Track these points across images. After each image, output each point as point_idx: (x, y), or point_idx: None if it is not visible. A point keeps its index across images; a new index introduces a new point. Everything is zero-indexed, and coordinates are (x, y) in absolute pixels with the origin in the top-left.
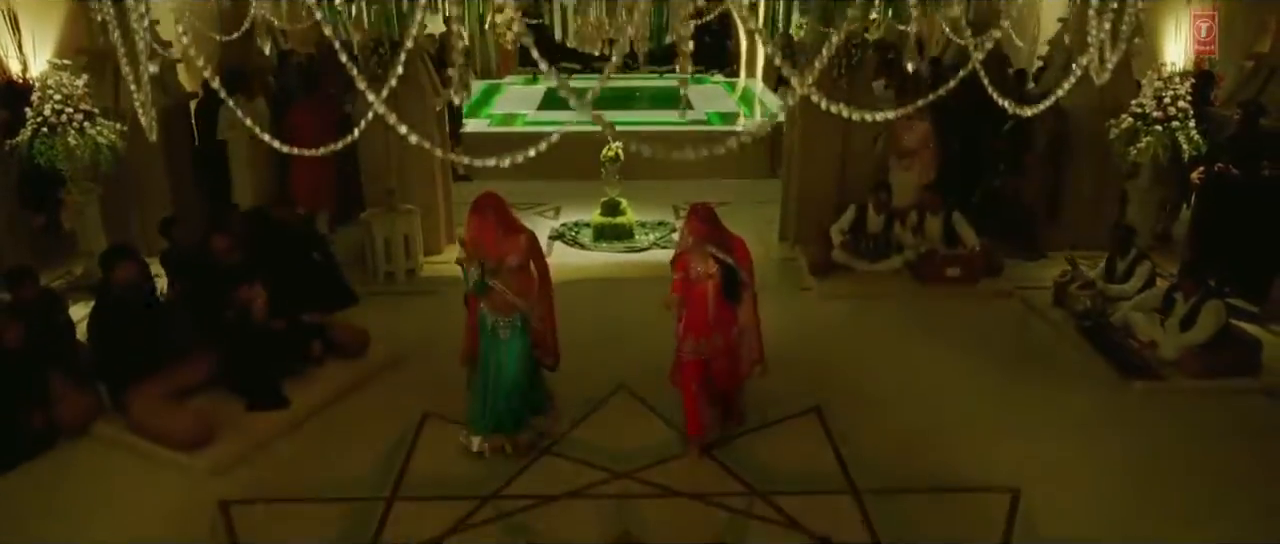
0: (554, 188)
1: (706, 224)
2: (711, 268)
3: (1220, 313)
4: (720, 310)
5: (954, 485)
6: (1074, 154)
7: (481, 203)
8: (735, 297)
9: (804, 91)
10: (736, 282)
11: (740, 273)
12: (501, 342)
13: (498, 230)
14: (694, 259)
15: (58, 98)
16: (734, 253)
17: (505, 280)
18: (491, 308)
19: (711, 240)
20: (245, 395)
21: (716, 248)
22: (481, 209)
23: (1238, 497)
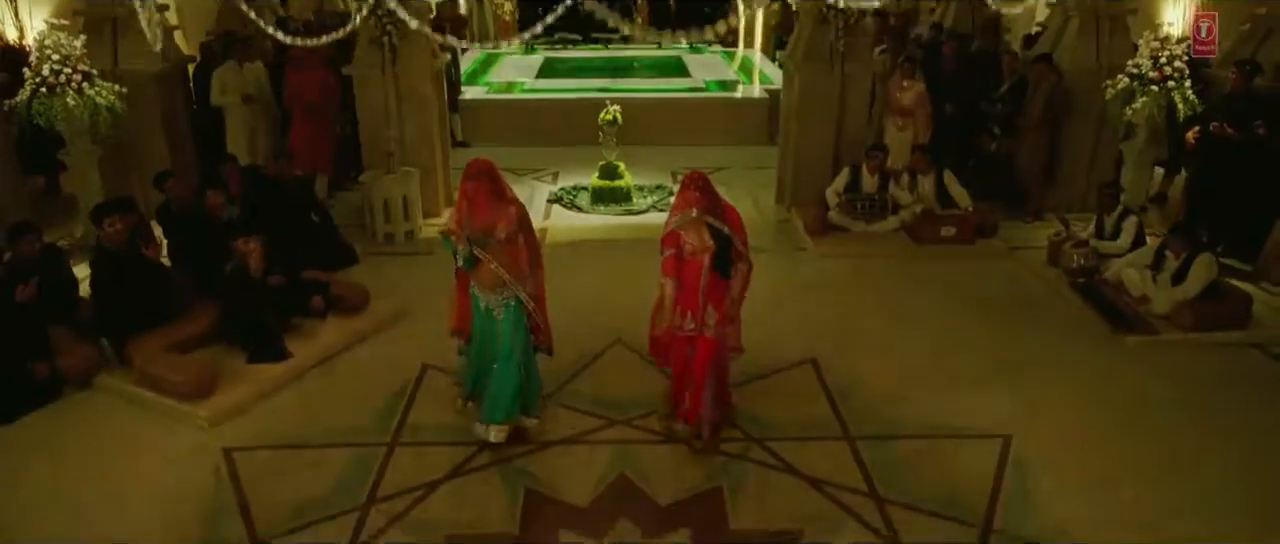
0: (552, 154)
1: (704, 194)
2: (707, 240)
3: (1211, 266)
4: (713, 285)
5: (946, 432)
6: (1070, 117)
7: (474, 168)
8: (728, 270)
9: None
10: (730, 254)
11: (736, 241)
12: (496, 322)
13: (490, 198)
14: (689, 234)
15: (56, 58)
16: (729, 223)
17: (494, 253)
18: (481, 284)
19: (710, 211)
20: (246, 348)
21: (713, 218)
22: (475, 175)
23: (1224, 446)
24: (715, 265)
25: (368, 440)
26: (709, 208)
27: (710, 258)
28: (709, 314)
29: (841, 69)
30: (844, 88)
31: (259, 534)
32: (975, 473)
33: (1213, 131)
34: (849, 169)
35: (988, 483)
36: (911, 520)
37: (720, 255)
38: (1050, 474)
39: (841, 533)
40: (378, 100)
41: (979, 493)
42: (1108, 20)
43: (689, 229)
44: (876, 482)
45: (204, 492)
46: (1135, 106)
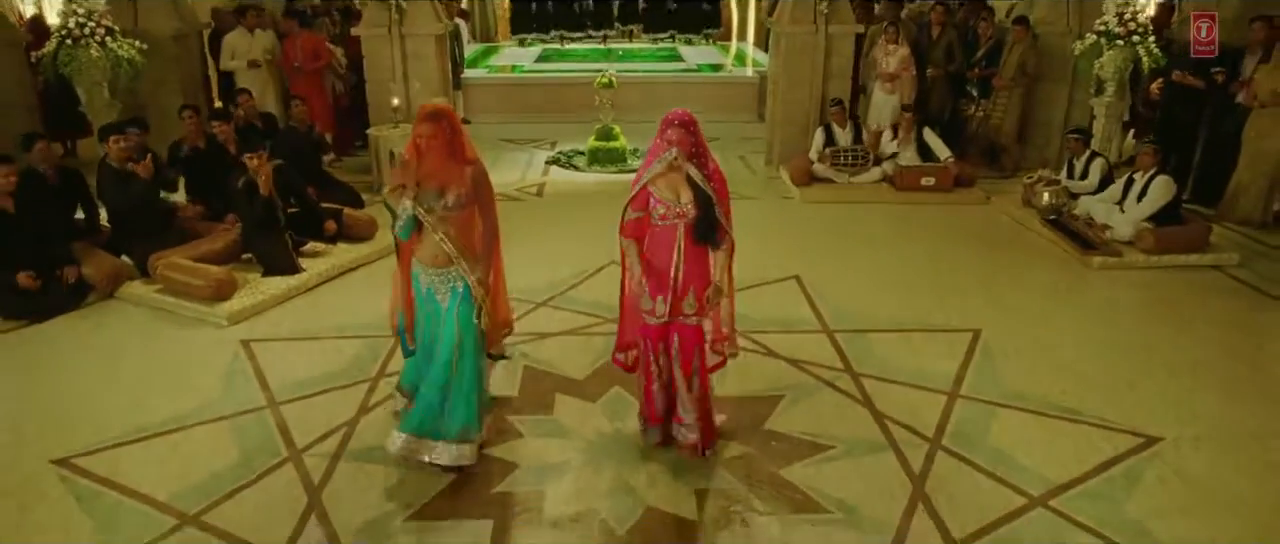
0: (551, 128)
1: (688, 135)
2: (684, 201)
3: (1169, 186)
4: (692, 260)
5: (919, 327)
6: (1043, 79)
7: (428, 111)
8: (712, 240)
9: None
10: (713, 221)
11: (718, 210)
12: (440, 309)
13: (444, 152)
14: (662, 191)
15: (82, 12)
16: (712, 181)
17: (440, 220)
18: (423, 259)
19: (693, 157)
20: (262, 262)
21: (696, 170)
22: (429, 118)
23: (1180, 334)
24: (695, 235)
25: (376, 333)
26: (692, 152)
27: (688, 226)
28: (689, 300)
29: (825, 30)
30: (828, 49)
31: (276, 398)
32: (945, 356)
33: (1175, 80)
34: (821, 129)
35: (956, 363)
36: (885, 390)
37: (701, 222)
38: (1014, 358)
39: (819, 396)
40: (385, 59)
41: (947, 370)
42: None
43: (663, 184)
44: (852, 361)
45: (223, 368)
46: (1103, 61)
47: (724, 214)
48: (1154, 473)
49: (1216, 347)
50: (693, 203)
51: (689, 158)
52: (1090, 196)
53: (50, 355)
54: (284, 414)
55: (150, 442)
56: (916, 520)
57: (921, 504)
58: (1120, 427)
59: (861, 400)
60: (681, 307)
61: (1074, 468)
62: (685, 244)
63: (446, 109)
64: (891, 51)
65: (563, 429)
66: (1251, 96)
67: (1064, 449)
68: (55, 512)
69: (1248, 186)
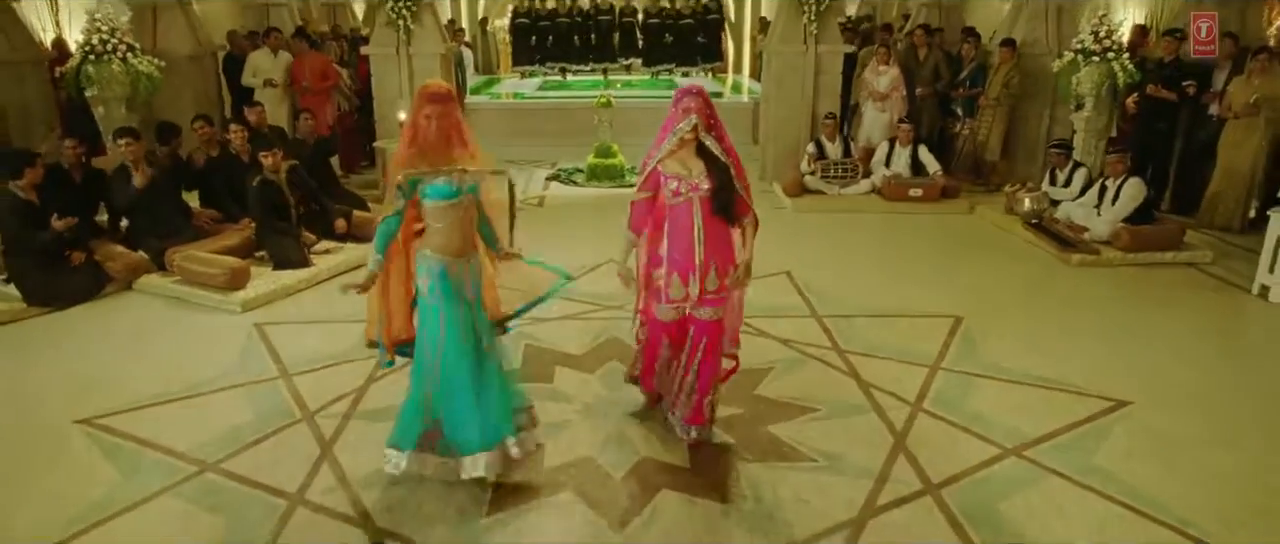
0: (552, 150)
1: (706, 103)
2: (700, 176)
3: (1140, 188)
4: (713, 236)
5: (904, 313)
6: (1026, 98)
7: (439, 92)
8: (731, 213)
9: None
10: (732, 191)
11: (737, 183)
12: (468, 301)
13: (450, 131)
14: (672, 165)
15: (105, 30)
16: (729, 155)
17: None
18: (448, 247)
19: (711, 129)
20: (273, 257)
21: (714, 141)
22: (440, 98)
23: (1152, 318)
24: (714, 207)
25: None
26: (709, 123)
27: (704, 200)
28: (711, 278)
29: (815, 49)
30: (817, 68)
31: (288, 370)
32: (927, 338)
33: (1149, 94)
34: (813, 142)
35: (938, 344)
36: (869, 364)
37: (720, 193)
38: (993, 339)
39: (806, 368)
40: (392, 78)
41: (929, 349)
42: (1055, 10)
43: (672, 161)
44: (838, 340)
45: (238, 346)
46: (1080, 77)
47: (744, 187)
48: (1122, 429)
49: (1187, 327)
50: (706, 175)
51: (707, 129)
52: (1070, 202)
53: (72, 335)
54: (297, 383)
55: (169, 405)
56: (897, 468)
57: (902, 455)
58: (1092, 392)
59: (847, 372)
60: (703, 284)
61: (1047, 426)
62: (703, 219)
63: (450, 90)
64: (882, 72)
65: (562, 395)
66: (1226, 108)
67: (1038, 411)
68: (80, 462)
69: (1224, 195)
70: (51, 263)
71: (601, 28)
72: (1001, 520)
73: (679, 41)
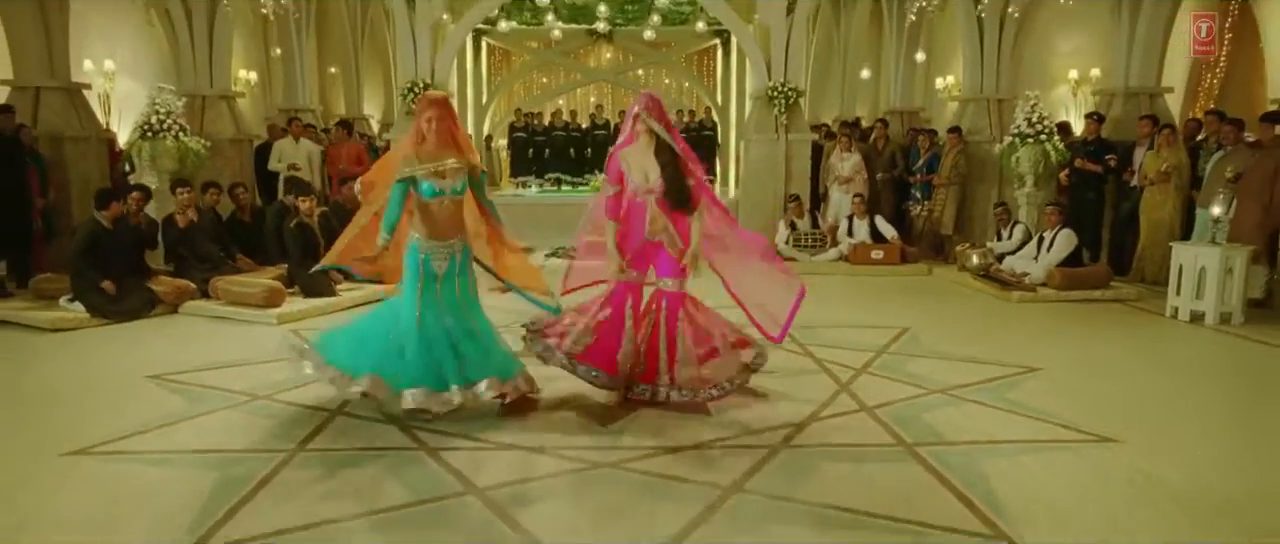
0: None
1: (656, 103)
2: (655, 177)
3: (1071, 238)
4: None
5: (857, 325)
6: (974, 179)
7: (438, 98)
8: (686, 204)
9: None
10: (684, 186)
11: (685, 172)
12: (436, 275)
13: (449, 134)
14: (633, 167)
15: (162, 111)
16: (678, 143)
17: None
18: (434, 231)
19: (661, 120)
20: (304, 290)
21: (661, 128)
22: (439, 103)
23: (1065, 330)
24: (670, 202)
25: None
26: (660, 120)
27: (659, 200)
28: (666, 282)
29: (785, 137)
30: (788, 153)
31: None
32: (878, 337)
33: (1077, 167)
34: (782, 223)
35: (887, 339)
36: (824, 351)
37: (671, 189)
38: (934, 340)
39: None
40: None
41: (879, 343)
42: (996, 103)
43: (634, 163)
44: (799, 339)
45: (277, 342)
46: (1018, 156)
47: (696, 180)
48: (1034, 381)
49: (1100, 333)
50: (660, 177)
51: (659, 120)
52: (1012, 255)
53: (134, 337)
54: None
55: (221, 370)
56: (839, 400)
57: (845, 393)
58: (1010, 363)
59: (804, 354)
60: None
61: (970, 379)
62: (656, 213)
63: (447, 97)
64: (845, 158)
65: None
66: (1143, 177)
67: (965, 373)
68: (149, 401)
69: (1150, 252)
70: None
71: (597, 142)
72: (923, 424)
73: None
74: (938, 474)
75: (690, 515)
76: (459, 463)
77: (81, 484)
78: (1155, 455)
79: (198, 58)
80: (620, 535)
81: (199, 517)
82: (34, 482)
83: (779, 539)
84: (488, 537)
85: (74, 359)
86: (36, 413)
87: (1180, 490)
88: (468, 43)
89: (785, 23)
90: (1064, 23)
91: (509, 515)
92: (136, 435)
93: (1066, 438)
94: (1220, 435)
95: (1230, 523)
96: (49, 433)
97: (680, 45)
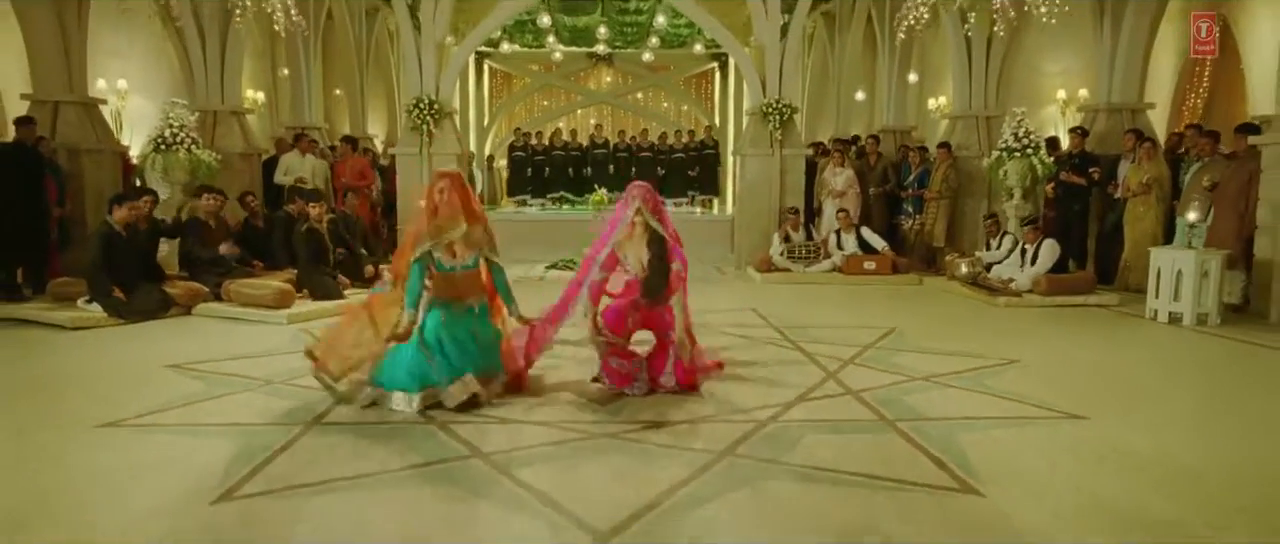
0: (551, 254)
1: (651, 194)
2: (643, 265)
3: (1054, 248)
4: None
5: (847, 327)
6: (964, 193)
7: (448, 172)
8: (659, 298)
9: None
10: (662, 281)
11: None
12: (458, 320)
13: (460, 203)
14: (628, 253)
15: (175, 125)
16: (667, 229)
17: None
18: (452, 294)
19: (655, 213)
20: (312, 293)
21: (654, 219)
22: (449, 175)
23: (1046, 330)
24: (644, 291)
25: None
26: (654, 210)
27: (639, 282)
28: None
29: (780, 152)
30: (782, 168)
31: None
32: (867, 336)
33: (1063, 179)
34: (777, 235)
35: (874, 337)
36: (815, 346)
37: (651, 278)
38: (920, 338)
39: (761, 347)
40: (414, 173)
41: (865, 341)
42: (984, 120)
43: (628, 248)
44: (790, 337)
45: (287, 337)
46: (1006, 170)
47: (682, 262)
48: (1012, 371)
49: (1078, 332)
50: (644, 267)
51: (652, 212)
52: (1000, 264)
53: (149, 335)
54: None
55: (238, 360)
56: (826, 386)
57: (832, 380)
58: (989, 356)
59: (795, 348)
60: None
61: (952, 369)
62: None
63: (459, 170)
64: (838, 173)
65: (558, 355)
66: (1125, 189)
67: (947, 365)
68: (171, 386)
69: (1134, 262)
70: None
71: (597, 161)
72: (904, 405)
73: (671, 174)
74: (915, 443)
75: (684, 474)
76: (466, 434)
77: (116, 448)
78: (1122, 430)
79: (210, 75)
80: (617, 490)
81: (224, 475)
82: (73, 446)
83: (767, 492)
84: (491, 490)
85: (96, 352)
86: (67, 394)
87: (1144, 459)
88: (470, 65)
89: (779, 45)
90: (1052, 44)
91: (511, 474)
92: (161, 412)
93: (1039, 415)
94: (1187, 415)
95: (1190, 488)
96: (81, 410)
97: (679, 68)
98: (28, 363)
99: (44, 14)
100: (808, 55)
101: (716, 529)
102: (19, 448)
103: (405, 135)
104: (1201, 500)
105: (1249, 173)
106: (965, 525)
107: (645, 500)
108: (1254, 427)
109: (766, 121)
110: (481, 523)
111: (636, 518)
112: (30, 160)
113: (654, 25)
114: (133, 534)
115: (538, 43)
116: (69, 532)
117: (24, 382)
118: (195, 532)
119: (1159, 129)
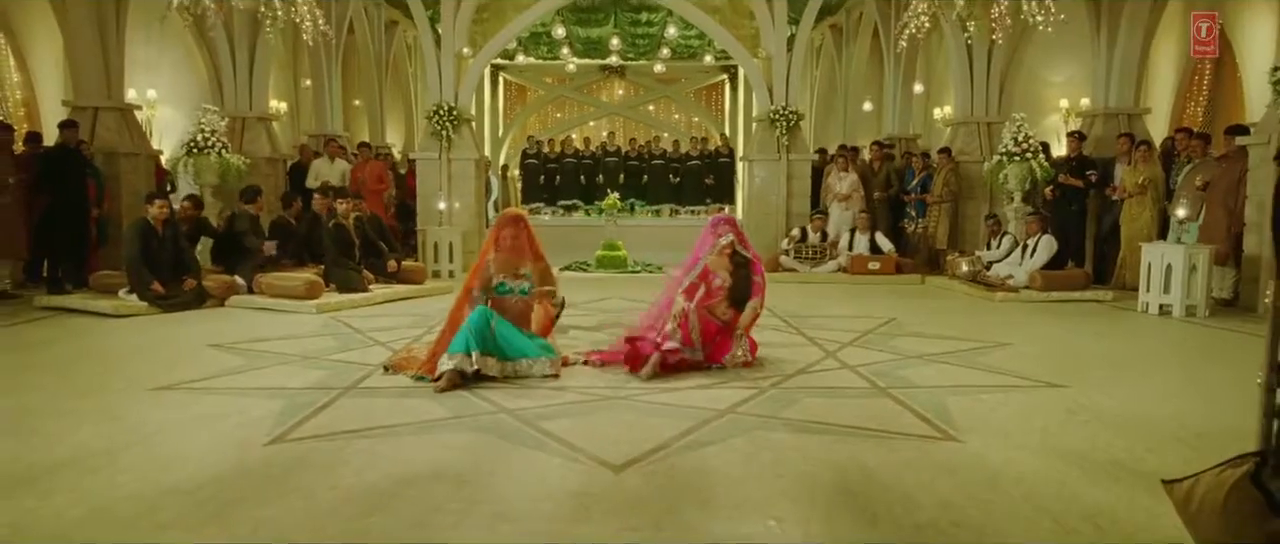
0: (566, 258)
1: (735, 227)
2: (727, 276)
3: (1051, 244)
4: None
5: (848, 316)
6: (966, 197)
7: (514, 217)
8: (742, 303)
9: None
10: (747, 289)
11: (754, 277)
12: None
13: (520, 246)
14: (717, 268)
15: (207, 130)
16: (749, 252)
17: (510, 306)
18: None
19: (742, 241)
20: (339, 286)
21: (742, 248)
22: (514, 221)
23: (1036, 321)
24: (732, 298)
25: (429, 318)
26: (740, 238)
27: (725, 291)
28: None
29: (787, 157)
30: (789, 173)
31: (364, 331)
32: (867, 324)
33: (1061, 182)
34: (799, 229)
35: (872, 325)
36: (817, 332)
37: (737, 288)
38: (918, 326)
39: (767, 331)
40: (433, 177)
41: (864, 329)
42: (985, 125)
43: (716, 264)
44: (795, 323)
45: (320, 325)
46: (1006, 174)
47: (761, 277)
48: (1002, 351)
49: (1068, 321)
50: (730, 277)
51: (738, 240)
52: (999, 262)
53: (189, 322)
54: (372, 335)
55: (274, 341)
56: (824, 362)
57: (831, 359)
58: (980, 339)
59: (798, 333)
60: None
61: (943, 349)
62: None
63: (523, 214)
64: (843, 178)
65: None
66: (1121, 190)
67: (939, 347)
68: (215, 360)
69: (1130, 261)
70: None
71: (608, 168)
72: (896, 376)
73: (686, 182)
74: (904, 404)
75: (689, 425)
76: (495, 396)
77: (173, 406)
78: (1095, 396)
79: (239, 83)
80: (629, 437)
81: (274, 425)
82: (134, 404)
83: (764, 439)
84: (519, 437)
85: (141, 334)
86: (120, 365)
87: (1108, 414)
88: (486, 77)
89: (786, 55)
90: (1055, 55)
91: (536, 425)
92: (210, 379)
93: (1021, 384)
94: (1160, 385)
95: (1140, 429)
96: (135, 377)
97: (690, 80)
98: (78, 341)
99: (85, 24)
100: (815, 67)
101: (716, 464)
102: (83, 404)
103: (425, 140)
104: (1146, 436)
105: (1238, 172)
106: (942, 463)
107: (654, 444)
108: (1213, 391)
109: (773, 128)
110: (512, 460)
111: (646, 456)
112: (74, 162)
113: (665, 36)
114: (197, 467)
115: (552, 55)
116: (143, 463)
117: (77, 354)
118: (255, 465)
119: (1159, 135)
